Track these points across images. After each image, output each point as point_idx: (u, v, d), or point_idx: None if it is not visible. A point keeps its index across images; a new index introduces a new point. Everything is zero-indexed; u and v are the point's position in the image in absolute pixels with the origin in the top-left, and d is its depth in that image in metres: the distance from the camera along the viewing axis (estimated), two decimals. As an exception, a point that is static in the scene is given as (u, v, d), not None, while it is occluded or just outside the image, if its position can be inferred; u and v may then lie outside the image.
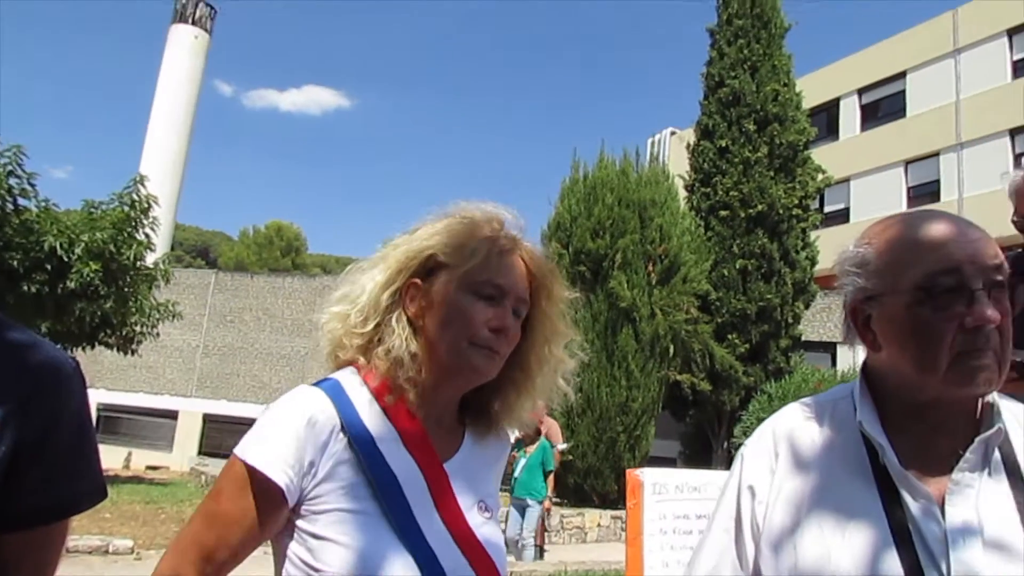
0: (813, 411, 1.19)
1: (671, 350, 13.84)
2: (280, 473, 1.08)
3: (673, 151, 25.85)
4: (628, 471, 2.99)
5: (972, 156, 21.31)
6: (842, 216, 24.35)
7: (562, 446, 9.79)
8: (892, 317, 1.09)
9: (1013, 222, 2.31)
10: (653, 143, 31.36)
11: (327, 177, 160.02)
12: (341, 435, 1.14)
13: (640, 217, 13.74)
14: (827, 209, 24.16)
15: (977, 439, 1.05)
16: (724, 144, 16.35)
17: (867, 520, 1.04)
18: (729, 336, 15.53)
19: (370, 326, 1.23)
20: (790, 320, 16.05)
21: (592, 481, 13.03)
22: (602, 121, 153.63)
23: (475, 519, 1.18)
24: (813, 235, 16.71)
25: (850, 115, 25.33)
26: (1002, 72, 21.56)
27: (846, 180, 23.86)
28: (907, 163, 23.25)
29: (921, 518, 1.02)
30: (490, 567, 1.15)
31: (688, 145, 17.73)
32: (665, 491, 2.87)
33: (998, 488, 1.04)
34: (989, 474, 1.04)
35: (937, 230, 1.08)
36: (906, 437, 1.08)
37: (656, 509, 2.82)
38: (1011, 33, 21.42)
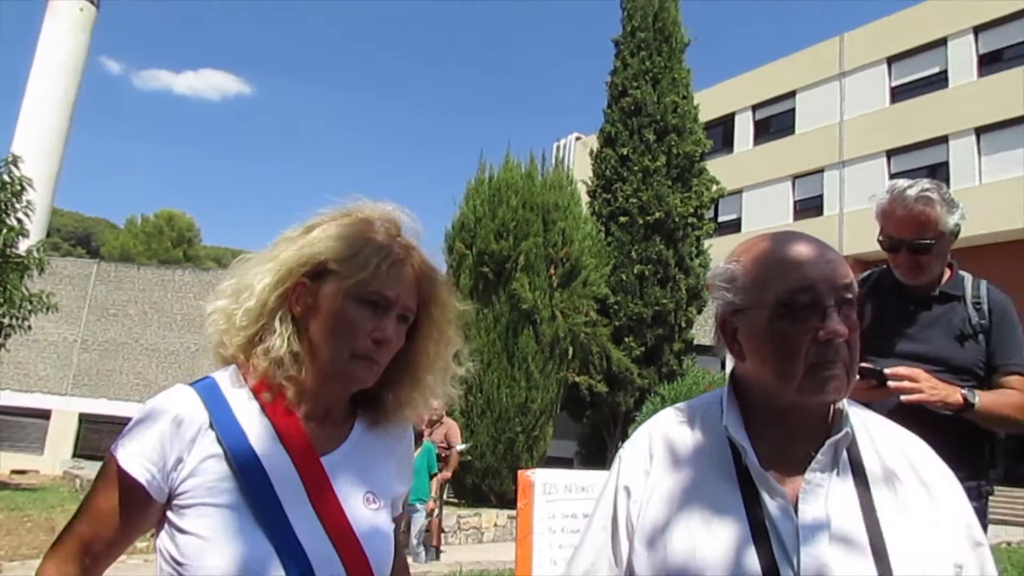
0: (685, 415, 1.26)
1: (570, 352, 14.10)
2: (142, 470, 1.11)
3: (578, 156, 26.34)
4: (520, 472, 3.03)
5: (853, 174, 22.73)
6: (734, 226, 25.46)
7: (461, 447, 9.79)
8: (756, 329, 1.16)
9: (879, 241, 2.48)
10: (559, 147, 31.86)
11: (225, 166, 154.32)
12: (209, 432, 1.15)
13: (544, 220, 13.93)
14: (721, 219, 25.20)
15: (827, 442, 1.13)
16: (625, 152, 16.81)
17: (730, 517, 1.10)
18: (626, 339, 15.96)
19: (253, 328, 1.23)
20: (683, 324, 16.66)
21: (490, 481, 13.11)
22: (512, 124, 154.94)
23: (361, 511, 1.20)
24: (707, 243, 17.39)
25: (744, 130, 26.53)
26: (882, 97, 23.09)
27: (739, 191, 24.95)
28: (795, 178, 24.56)
29: (778, 515, 1.09)
30: (361, 561, 1.16)
31: (592, 151, 18.12)
32: (555, 491, 2.93)
33: (845, 487, 1.12)
34: (838, 474, 1.13)
35: (797, 251, 1.17)
36: (767, 440, 1.16)
37: (546, 509, 2.87)
38: (891, 61, 22.98)
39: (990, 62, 21.01)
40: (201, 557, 1.08)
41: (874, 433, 1.21)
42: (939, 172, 21.33)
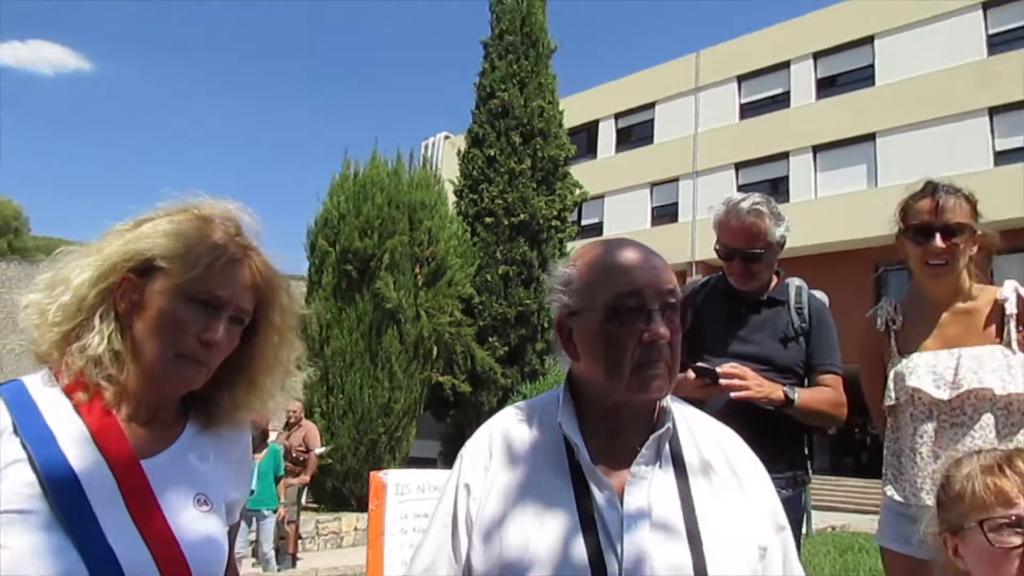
0: (525, 414, 1.31)
1: (434, 352, 14.06)
2: None
3: (446, 156, 26.35)
4: (372, 473, 3.00)
5: (705, 184, 24.10)
6: (597, 229, 26.31)
7: (320, 450, 9.53)
8: (588, 331, 1.23)
9: (715, 249, 2.66)
10: (427, 146, 31.71)
11: (58, 148, 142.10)
12: (13, 436, 1.09)
13: (409, 219, 13.82)
14: (584, 222, 25.96)
15: (651, 437, 1.21)
16: (492, 153, 16.98)
17: (561, 510, 1.16)
18: (490, 339, 16.12)
19: (68, 324, 1.16)
20: (546, 325, 17.02)
21: (351, 484, 12.84)
22: (381, 122, 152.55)
23: (187, 517, 1.15)
24: (569, 245, 17.86)
25: (607, 137, 27.50)
26: (732, 112, 24.63)
27: (601, 196, 25.83)
28: (653, 185, 25.73)
29: (604, 506, 1.16)
30: (181, 569, 1.12)
31: (459, 151, 18.18)
32: (407, 491, 2.92)
33: (666, 478, 1.21)
34: (660, 466, 1.21)
35: (625, 257, 1.24)
36: (597, 436, 1.23)
37: (398, 509, 2.86)
38: (740, 79, 24.55)
39: (827, 86, 22.91)
40: (9, 570, 1.01)
41: (694, 428, 1.31)
42: (780, 185, 23.03)
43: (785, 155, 22.93)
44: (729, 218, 2.59)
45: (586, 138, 27.11)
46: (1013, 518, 1.29)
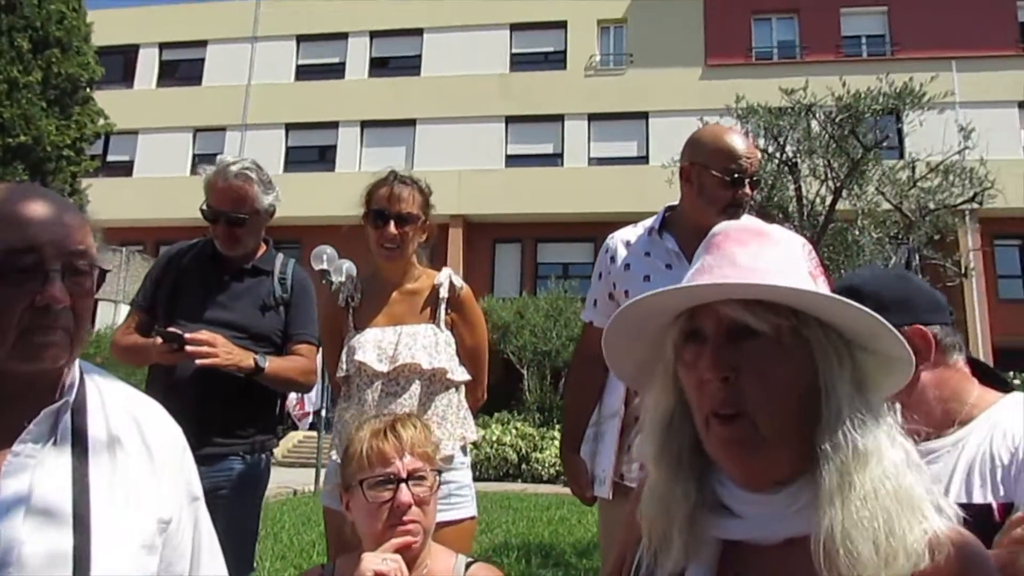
0: None
1: None
2: None
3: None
4: None
5: (254, 138, 23.25)
6: (125, 168, 23.61)
7: None
8: None
9: (201, 210, 2.54)
10: None
11: None
12: None
13: None
14: (110, 158, 23.07)
15: (43, 411, 1.08)
16: (-10, 55, 13.93)
17: None
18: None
19: None
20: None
21: None
22: None
23: None
24: (86, 182, 15.65)
25: (148, 66, 24.76)
26: (288, 71, 24.26)
27: (135, 132, 23.22)
28: (197, 130, 23.97)
29: None
30: None
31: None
32: None
33: (60, 457, 1.09)
34: (56, 443, 1.09)
35: (28, 209, 1.09)
36: None
37: None
38: (300, 39, 24.30)
39: (379, 66, 24.08)
40: None
41: (107, 400, 1.21)
42: (328, 154, 23.56)
43: (335, 124, 23.48)
44: (217, 179, 2.50)
45: (122, 62, 24.04)
46: (386, 476, 1.47)
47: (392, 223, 2.34)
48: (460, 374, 2.40)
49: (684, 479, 0.94)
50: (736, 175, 2.23)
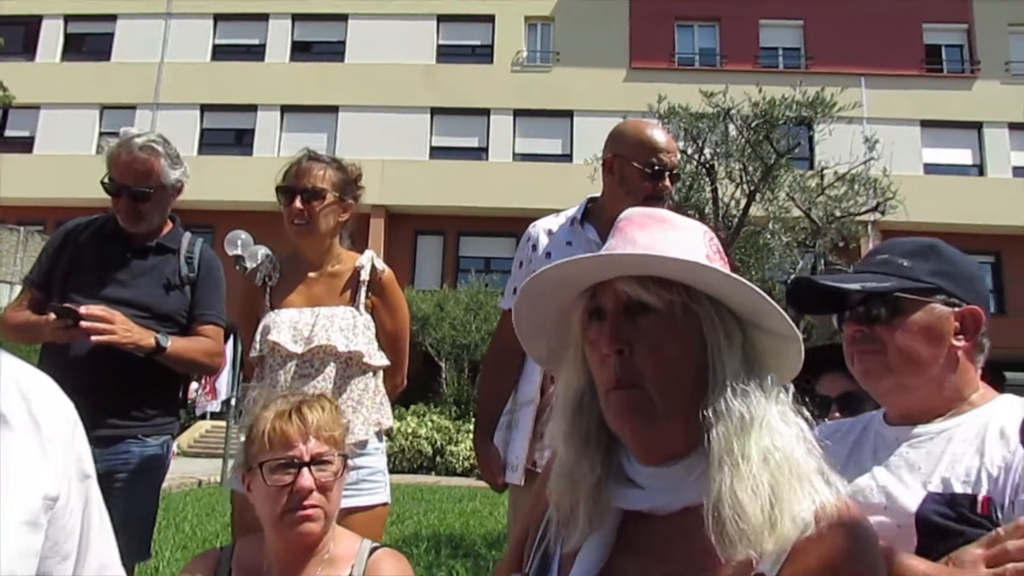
0: None
1: None
2: None
3: None
4: None
5: (167, 118, 22.15)
6: (25, 144, 22.29)
7: None
8: None
9: (102, 183, 2.43)
10: None
11: None
12: None
13: None
14: (8, 133, 21.77)
15: None
16: None
17: None
18: None
19: None
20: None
21: None
22: None
23: None
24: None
25: (51, 39, 23.40)
26: (204, 50, 23.37)
27: (36, 107, 21.95)
28: (104, 107, 22.83)
29: None
30: None
31: None
32: None
33: None
34: None
35: None
36: None
37: None
38: (217, 18, 23.44)
39: (301, 50, 23.48)
40: None
41: None
42: (245, 137, 22.84)
43: (254, 107, 22.78)
44: (120, 152, 2.38)
45: (23, 34, 22.66)
46: (287, 459, 1.43)
47: (299, 198, 2.29)
48: (378, 359, 2.36)
49: (591, 455, 0.97)
50: (657, 168, 2.30)
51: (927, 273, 1.27)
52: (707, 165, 9.39)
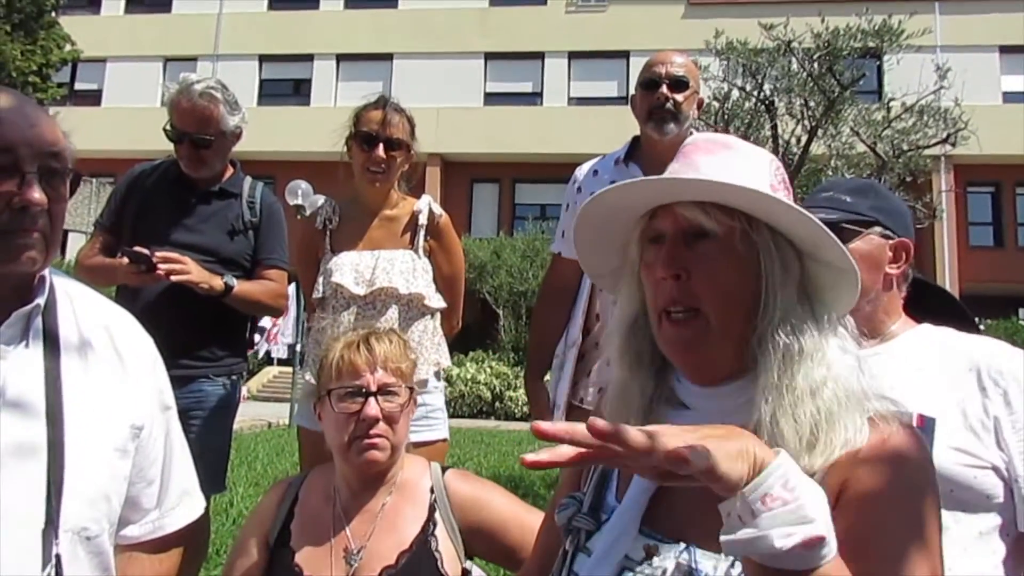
0: None
1: None
2: None
3: None
4: None
5: (226, 70, 22.45)
6: (94, 98, 22.94)
7: None
8: None
9: (164, 130, 2.49)
10: None
11: None
12: None
13: None
14: (78, 86, 22.40)
15: (14, 313, 1.09)
16: (-54, -25, 13.34)
17: None
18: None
19: None
20: None
21: None
22: None
23: None
24: (52, 110, 15.18)
25: (115, -8, 23.85)
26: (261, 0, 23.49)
27: (103, 60, 22.48)
28: (167, 60, 23.24)
29: None
30: None
31: None
32: None
33: (32, 356, 1.11)
34: (27, 344, 1.11)
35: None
36: None
37: None
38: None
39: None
40: None
41: (77, 306, 1.22)
42: (303, 87, 23.00)
43: (311, 57, 22.87)
44: (181, 99, 2.43)
45: (87, -14, 23.12)
46: (355, 388, 1.47)
47: (382, 146, 2.32)
48: (436, 301, 2.41)
49: (643, 376, 0.98)
50: (650, 80, 2.35)
51: (867, 208, 1.42)
52: (767, 102, 9.04)
